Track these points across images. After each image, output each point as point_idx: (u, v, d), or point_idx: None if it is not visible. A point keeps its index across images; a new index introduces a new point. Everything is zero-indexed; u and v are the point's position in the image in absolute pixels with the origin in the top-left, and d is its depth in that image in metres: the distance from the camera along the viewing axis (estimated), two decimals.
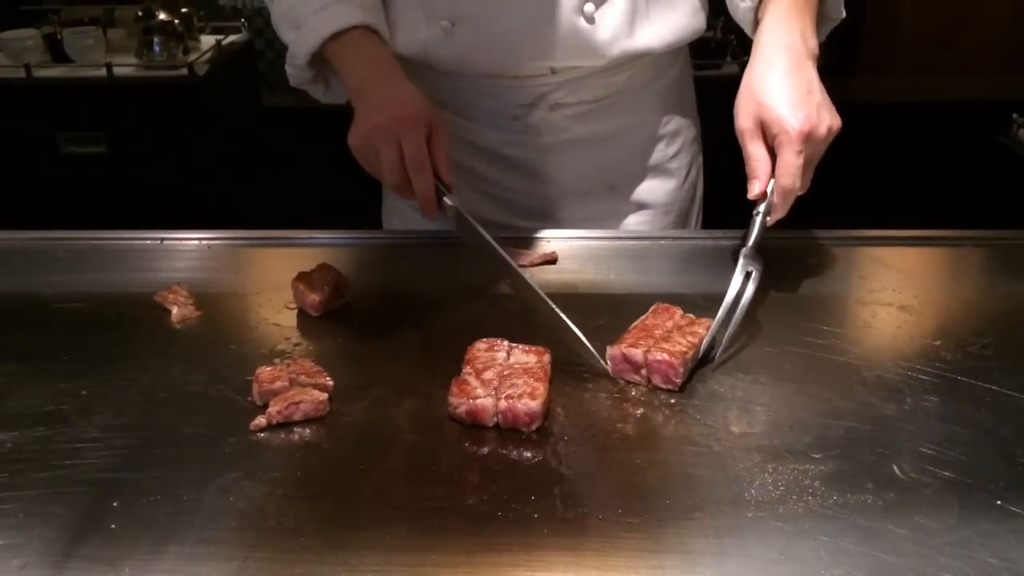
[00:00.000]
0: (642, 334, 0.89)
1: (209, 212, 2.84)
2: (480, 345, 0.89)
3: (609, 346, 0.88)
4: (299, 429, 0.82)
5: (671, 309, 0.94)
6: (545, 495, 0.73)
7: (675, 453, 0.78)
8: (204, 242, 1.18)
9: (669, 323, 0.92)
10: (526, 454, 0.78)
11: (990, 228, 1.16)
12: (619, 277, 1.09)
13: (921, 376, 0.88)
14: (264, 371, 0.86)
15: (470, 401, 0.81)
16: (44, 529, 0.71)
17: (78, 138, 2.86)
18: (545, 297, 0.92)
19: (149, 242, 1.18)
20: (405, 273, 1.12)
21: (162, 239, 1.18)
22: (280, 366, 0.88)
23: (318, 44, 1.03)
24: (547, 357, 0.88)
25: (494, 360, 0.87)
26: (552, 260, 1.11)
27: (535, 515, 0.71)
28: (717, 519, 0.71)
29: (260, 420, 0.82)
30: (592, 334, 0.91)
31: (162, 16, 2.84)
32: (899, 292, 1.03)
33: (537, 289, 0.94)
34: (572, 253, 1.13)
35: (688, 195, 1.33)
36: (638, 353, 0.86)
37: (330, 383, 0.86)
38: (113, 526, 0.71)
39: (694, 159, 1.34)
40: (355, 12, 1.04)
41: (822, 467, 0.76)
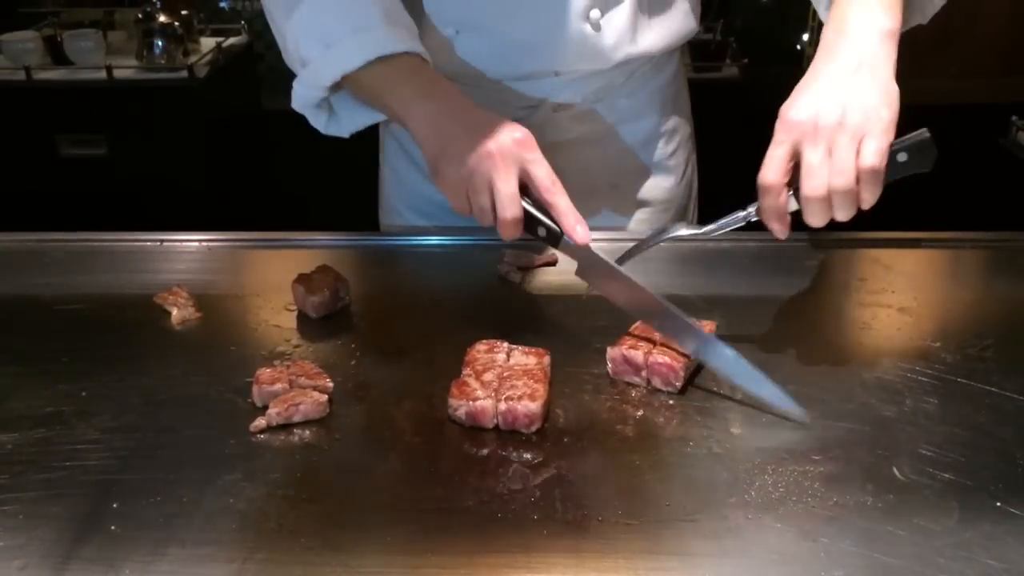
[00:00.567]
0: (643, 336, 0.89)
1: (209, 214, 2.84)
2: (480, 347, 0.89)
3: (609, 347, 0.88)
4: (299, 430, 0.82)
5: None
6: (545, 497, 0.73)
7: (675, 455, 0.78)
8: (204, 244, 1.18)
9: None
10: (526, 456, 0.78)
11: (989, 230, 1.16)
12: None
13: (921, 378, 0.88)
14: (264, 372, 0.86)
15: (470, 403, 0.81)
16: (44, 530, 0.71)
17: (78, 140, 2.85)
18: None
19: (149, 244, 1.18)
20: (405, 275, 1.12)
21: (162, 241, 1.18)
22: (280, 367, 0.88)
23: (358, 66, 0.92)
24: (547, 359, 0.88)
25: (494, 362, 0.87)
26: (552, 262, 1.11)
27: (535, 516, 0.71)
28: (717, 520, 0.71)
29: (260, 421, 0.82)
30: (593, 335, 0.91)
31: (162, 18, 2.84)
32: (899, 294, 1.03)
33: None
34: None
35: (685, 191, 1.35)
36: (639, 355, 0.86)
37: (330, 385, 0.86)
38: (113, 527, 0.71)
39: (690, 156, 1.35)
40: (404, 37, 0.93)
41: (822, 468, 0.76)
